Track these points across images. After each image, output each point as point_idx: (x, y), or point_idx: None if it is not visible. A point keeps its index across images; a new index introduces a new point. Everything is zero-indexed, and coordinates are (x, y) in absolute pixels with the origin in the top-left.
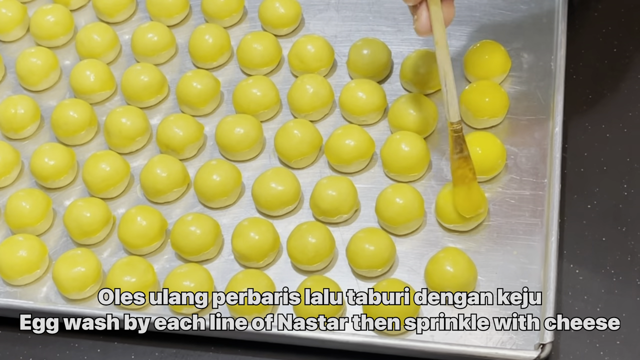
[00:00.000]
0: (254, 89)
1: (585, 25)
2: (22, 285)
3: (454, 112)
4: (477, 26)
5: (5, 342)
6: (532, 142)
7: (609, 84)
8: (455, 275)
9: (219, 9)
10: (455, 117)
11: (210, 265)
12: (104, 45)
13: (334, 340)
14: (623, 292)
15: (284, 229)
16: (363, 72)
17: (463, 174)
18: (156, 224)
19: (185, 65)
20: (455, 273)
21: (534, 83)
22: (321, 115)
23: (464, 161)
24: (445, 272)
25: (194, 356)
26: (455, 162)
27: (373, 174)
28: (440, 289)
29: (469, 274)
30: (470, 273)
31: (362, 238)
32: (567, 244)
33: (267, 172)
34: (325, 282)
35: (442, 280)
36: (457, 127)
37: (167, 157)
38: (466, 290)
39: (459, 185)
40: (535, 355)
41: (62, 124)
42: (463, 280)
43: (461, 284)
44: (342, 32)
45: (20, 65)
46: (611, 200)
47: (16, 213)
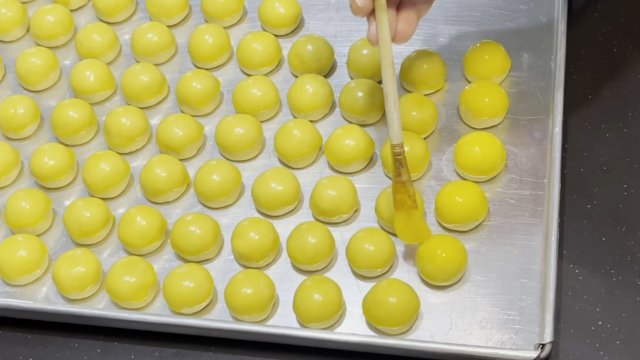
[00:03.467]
0: (253, 89)
1: (585, 25)
2: (22, 285)
3: (394, 133)
4: (477, 26)
5: (5, 342)
6: (532, 142)
7: (609, 84)
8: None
9: (218, 9)
10: (396, 139)
11: (210, 265)
12: (104, 45)
13: (334, 340)
14: (623, 292)
15: (283, 229)
16: (363, 72)
17: (402, 200)
18: (156, 224)
19: (185, 65)
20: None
21: (534, 83)
22: (321, 115)
23: (401, 186)
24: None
25: (194, 356)
26: (394, 186)
27: (373, 174)
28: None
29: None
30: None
31: (362, 238)
32: (567, 244)
33: (267, 172)
34: (325, 282)
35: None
36: (397, 150)
37: (167, 157)
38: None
39: (398, 210)
40: (535, 355)
41: (62, 124)
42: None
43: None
44: (342, 32)
45: (20, 65)
46: (611, 200)
47: (16, 213)
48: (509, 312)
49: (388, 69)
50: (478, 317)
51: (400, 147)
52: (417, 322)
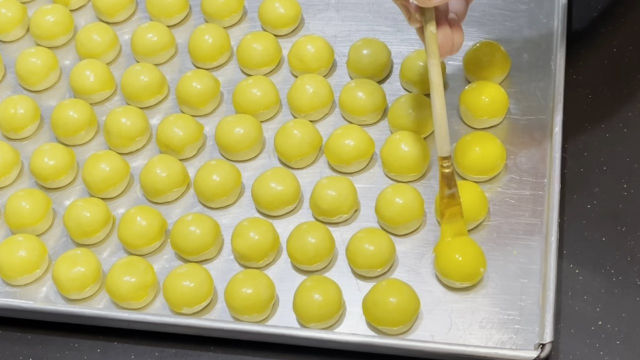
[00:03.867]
0: (253, 89)
1: (585, 25)
2: (22, 285)
3: (444, 145)
4: (477, 26)
5: (5, 342)
6: (532, 142)
7: (609, 84)
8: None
9: (218, 9)
10: (446, 152)
11: (210, 265)
12: (104, 45)
13: (334, 340)
14: (623, 292)
15: (283, 229)
16: (363, 72)
17: (453, 212)
18: (156, 224)
19: (185, 65)
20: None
21: (534, 83)
22: (321, 115)
23: (452, 199)
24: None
25: (194, 356)
26: (445, 201)
27: (373, 174)
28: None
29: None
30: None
31: (361, 238)
32: (567, 244)
33: (267, 172)
34: (325, 282)
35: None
36: (447, 164)
37: (167, 157)
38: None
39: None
40: (535, 355)
41: (62, 124)
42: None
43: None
44: (342, 32)
45: (20, 65)
46: (611, 200)
47: (16, 213)
48: (509, 312)
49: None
50: (478, 317)
51: (450, 161)
52: (417, 322)
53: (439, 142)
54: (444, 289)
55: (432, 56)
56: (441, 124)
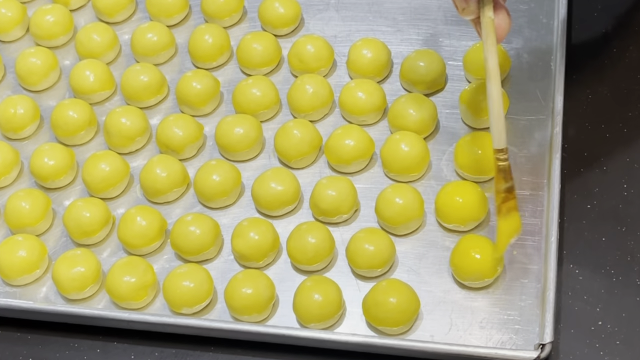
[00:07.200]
0: (253, 89)
1: (585, 25)
2: (21, 285)
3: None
4: None
5: (5, 342)
6: (532, 142)
7: (609, 84)
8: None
9: (218, 9)
10: (500, 144)
11: (210, 265)
12: (104, 45)
13: (334, 340)
14: (623, 292)
15: (283, 229)
16: (363, 72)
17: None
18: (156, 224)
19: (185, 65)
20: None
21: (533, 83)
22: (321, 115)
23: (509, 193)
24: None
25: (194, 356)
26: (501, 196)
27: (373, 174)
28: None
29: (411, 305)
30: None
31: (361, 238)
32: (567, 244)
33: (267, 172)
34: (325, 282)
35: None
36: (503, 156)
37: (166, 157)
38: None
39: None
40: (535, 355)
41: (61, 124)
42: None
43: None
44: (342, 32)
45: (19, 65)
46: (611, 200)
47: (16, 213)
48: (509, 312)
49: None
50: (478, 317)
51: (505, 153)
52: (417, 322)
53: (495, 133)
54: (444, 289)
55: (489, 43)
56: (498, 114)
